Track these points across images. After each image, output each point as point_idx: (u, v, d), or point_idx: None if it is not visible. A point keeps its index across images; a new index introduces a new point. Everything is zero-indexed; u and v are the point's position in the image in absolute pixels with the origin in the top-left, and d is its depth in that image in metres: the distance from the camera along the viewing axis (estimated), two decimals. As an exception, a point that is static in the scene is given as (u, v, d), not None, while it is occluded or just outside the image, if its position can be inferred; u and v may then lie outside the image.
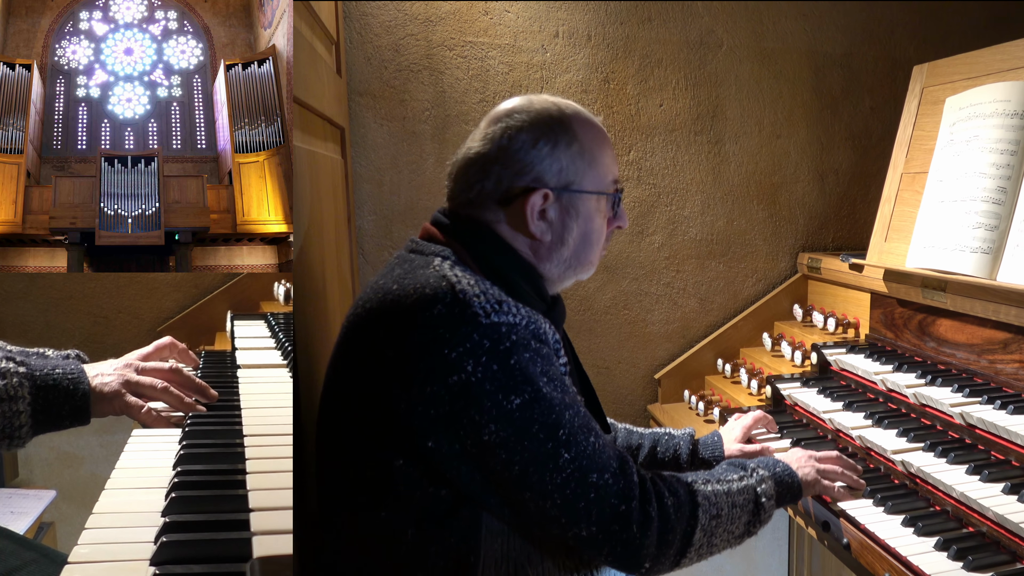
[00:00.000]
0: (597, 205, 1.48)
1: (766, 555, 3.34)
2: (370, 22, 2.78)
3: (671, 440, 1.89)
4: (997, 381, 2.02)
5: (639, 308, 3.08)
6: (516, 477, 1.25)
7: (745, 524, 1.48)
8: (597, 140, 1.48)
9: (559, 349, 1.36)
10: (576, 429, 1.27)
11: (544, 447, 1.24)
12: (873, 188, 3.10)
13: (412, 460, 1.27)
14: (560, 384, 1.30)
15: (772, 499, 1.54)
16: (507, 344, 1.25)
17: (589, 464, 1.27)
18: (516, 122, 1.43)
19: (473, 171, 1.44)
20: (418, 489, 1.27)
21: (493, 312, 1.27)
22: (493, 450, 1.24)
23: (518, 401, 1.24)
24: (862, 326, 2.65)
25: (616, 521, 1.28)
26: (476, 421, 1.23)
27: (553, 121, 1.44)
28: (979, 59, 2.36)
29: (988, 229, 2.09)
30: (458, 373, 1.23)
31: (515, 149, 1.41)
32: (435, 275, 1.32)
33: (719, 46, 3.07)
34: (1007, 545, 1.53)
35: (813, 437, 2.14)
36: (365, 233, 2.83)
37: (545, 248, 1.45)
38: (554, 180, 1.42)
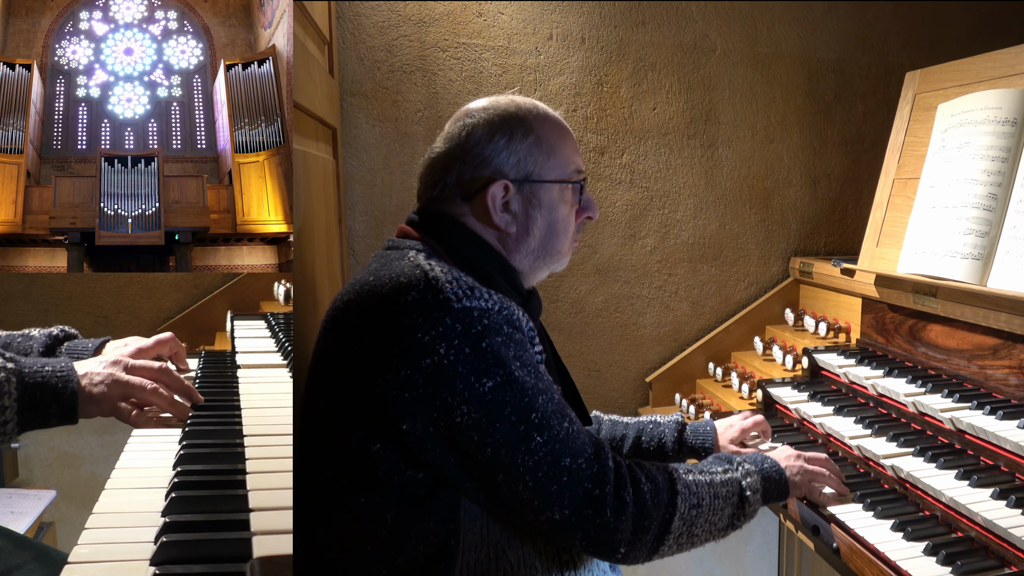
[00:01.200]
0: (561, 195, 1.52)
1: (756, 559, 3.35)
2: (363, 23, 2.79)
3: (656, 428, 1.89)
4: (987, 386, 2.03)
5: (631, 311, 3.09)
6: (488, 459, 1.27)
7: (729, 517, 1.49)
8: (555, 132, 1.53)
9: (533, 337, 1.39)
10: (549, 414, 1.30)
11: (516, 430, 1.27)
12: (865, 193, 3.12)
13: (389, 443, 1.30)
14: (534, 370, 1.33)
15: (758, 493, 1.54)
16: (479, 328, 1.28)
17: (562, 448, 1.29)
18: (474, 119, 1.49)
19: (436, 169, 1.51)
20: (396, 473, 1.30)
21: (465, 297, 1.30)
22: (465, 432, 1.27)
23: (490, 384, 1.27)
24: (853, 331, 2.67)
25: (589, 505, 1.30)
26: (449, 403, 1.26)
27: (509, 116, 1.50)
28: (971, 66, 2.37)
29: (979, 235, 2.10)
30: (431, 356, 1.26)
31: (472, 144, 1.48)
32: (409, 265, 1.37)
33: (713, 50, 3.08)
34: (995, 550, 1.53)
35: (804, 441, 2.16)
36: (356, 234, 2.84)
37: (512, 239, 1.50)
38: (512, 172, 1.48)
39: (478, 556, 1.33)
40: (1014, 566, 1.49)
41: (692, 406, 2.76)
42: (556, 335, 2.92)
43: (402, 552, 1.31)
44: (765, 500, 1.58)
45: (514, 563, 1.36)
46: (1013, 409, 1.86)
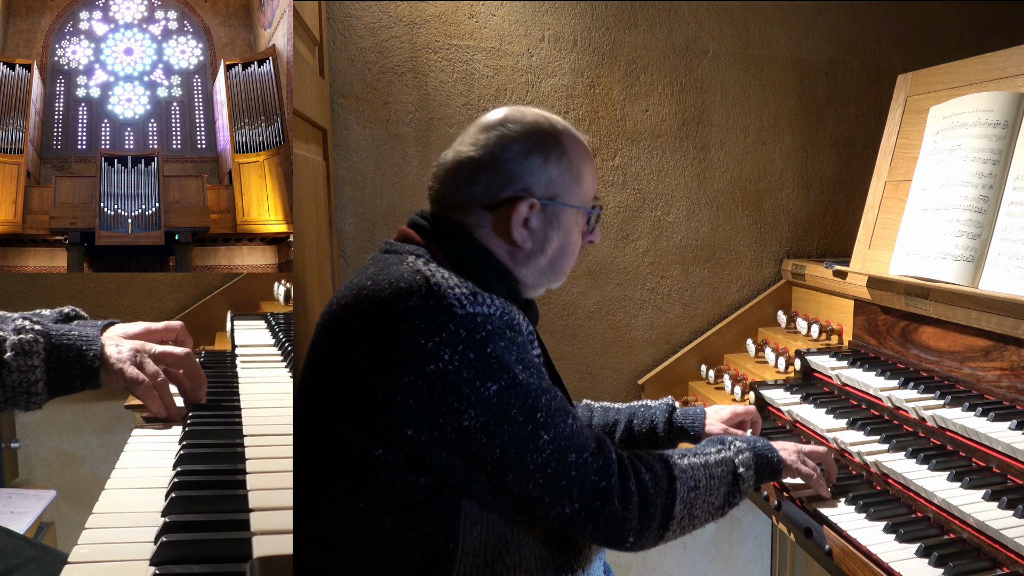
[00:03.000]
0: (577, 219, 1.55)
1: (748, 562, 3.36)
2: (354, 24, 2.78)
3: (647, 411, 1.93)
4: (978, 388, 2.05)
5: (623, 313, 3.10)
6: (498, 460, 1.29)
7: (724, 495, 1.51)
8: (584, 157, 1.55)
9: (533, 340, 1.41)
10: (553, 412, 1.32)
11: (524, 429, 1.29)
12: (857, 196, 3.11)
13: (391, 449, 1.30)
14: (536, 371, 1.35)
15: (751, 470, 1.56)
16: (483, 333, 1.29)
17: (568, 444, 1.32)
18: (510, 131, 1.48)
19: (463, 175, 1.48)
20: (397, 478, 1.31)
21: (468, 303, 1.31)
22: (474, 435, 1.28)
23: (495, 387, 1.28)
24: (845, 333, 2.68)
25: (598, 497, 1.33)
26: (455, 408, 1.27)
27: (545, 135, 1.50)
28: (963, 69, 2.38)
29: (970, 237, 2.11)
30: (435, 362, 1.27)
31: (508, 158, 1.47)
32: (409, 270, 1.37)
33: (705, 52, 3.09)
34: (987, 552, 1.54)
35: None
36: (346, 236, 2.84)
37: (523, 255, 1.51)
38: (541, 191, 1.48)
39: (475, 560, 1.35)
40: (1006, 567, 1.50)
41: (685, 407, 2.77)
42: (548, 338, 2.93)
43: (400, 556, 1.32)
44: (759, 478, 1.60)
45: (511, 566, 1.37)
46: (1005, 411, 1.87)
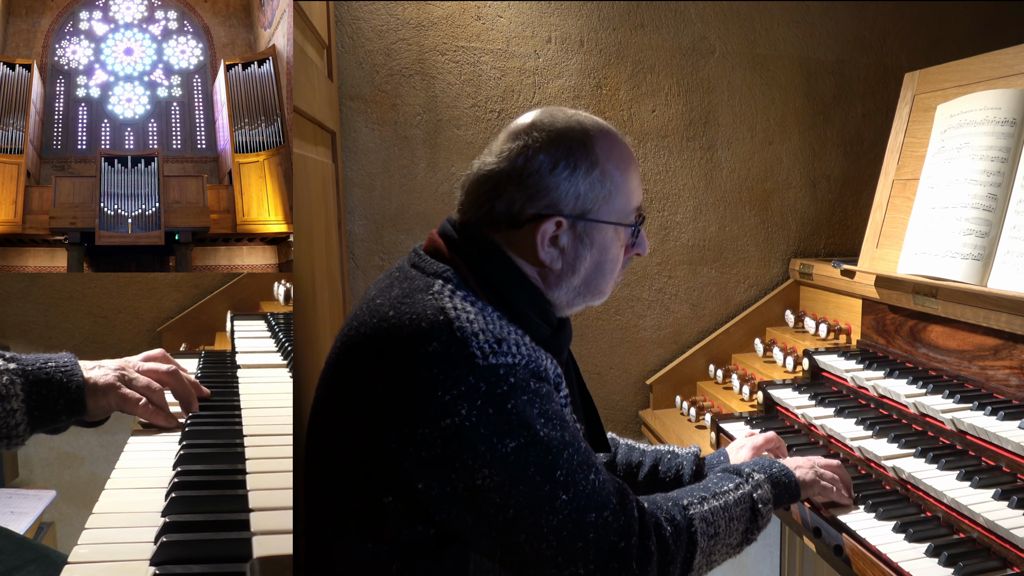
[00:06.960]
0: (615, 234, 1.42)
1: (758, 562, 3.35)
2: (362, 26, 2.79)
3: (674, 459, 1.82)
4: (988, 387, 2.03)
5: (631, 313, 3.09)
6: (510, 520, 1.21)
7: (743, 533, 1.46)
8: (621, 165, 1.42)
9: (560, 383, 1.33)
10: (575, 468, 1.24)
11: (540, 490, 1.21)
12: (865, 194, 3.12)
13: (401, 498, 1.24)
14: (559, 421, 1.26)
15: (769, 504, 1.51)
16: (504, 388, 1.21)
17: (587, 503, 1.23)
18: (535, 141, 1.37)
19: (486, 188, 1.38)
20: (406, 527, 1.25)
21: (491, 353, 1.23)
22: (486, 494, 1.20)
23: (513, 444, 1.20)
24: (854, 332, 2.67)
25: (615, 558, 1.25)
26: (469, 465, 1.20)
27: (575, 143, 1.38)
28: (970, 67, 2.37)
29: (979, 236, 2.10)
30: (451, 416, 1.19)
31: (532, 171, 1.35)
32: (433, 307, 1.28)
33: (711, 52, 3.09)
34: (997, 551, 1.53)
35: (805, 443, 2.16)
36: (356, 238, 2.84)
37: (554, 276, 1.41)
38: (569, 207, 1.37)
39: None
40: (1016, 567, 1.49)
41: (693, 408, 2.76)
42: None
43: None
44: (776, 506, 1.55)
45: None
46: (1014, 410, 1.86)
